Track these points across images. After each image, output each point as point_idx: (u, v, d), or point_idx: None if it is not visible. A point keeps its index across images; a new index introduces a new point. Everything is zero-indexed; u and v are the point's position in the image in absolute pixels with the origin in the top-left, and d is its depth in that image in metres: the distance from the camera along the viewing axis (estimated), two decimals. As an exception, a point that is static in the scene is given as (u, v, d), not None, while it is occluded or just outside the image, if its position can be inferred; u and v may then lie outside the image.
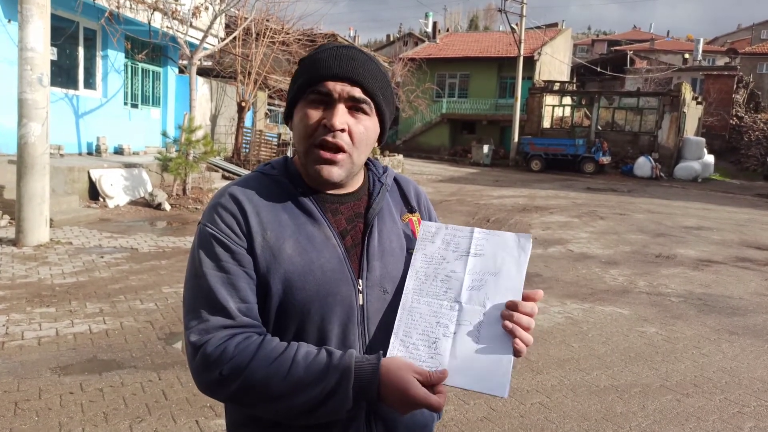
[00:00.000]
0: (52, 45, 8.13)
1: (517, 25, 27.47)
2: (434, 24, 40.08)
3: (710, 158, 26.23)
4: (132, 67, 13.78)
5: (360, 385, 1.00)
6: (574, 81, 35.07)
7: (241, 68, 15.22)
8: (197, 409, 3.31)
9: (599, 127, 27.46)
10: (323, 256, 1.11)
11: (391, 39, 49.57)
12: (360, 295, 1.13)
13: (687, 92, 26.94)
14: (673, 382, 4.10)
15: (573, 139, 25.60)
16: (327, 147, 1.10)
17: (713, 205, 16.47)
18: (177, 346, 4.35)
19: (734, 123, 33.11)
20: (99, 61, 12.62)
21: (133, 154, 13.15)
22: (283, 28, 16.02)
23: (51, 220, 7.48)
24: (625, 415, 3.53)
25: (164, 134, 12.24)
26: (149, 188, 10.67)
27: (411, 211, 1.28)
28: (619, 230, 10.91)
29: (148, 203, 10.18)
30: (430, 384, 1.01)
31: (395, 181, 1.31)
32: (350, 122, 1.11)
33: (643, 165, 24.58)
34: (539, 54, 30.16)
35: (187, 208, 10.28)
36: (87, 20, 11.65)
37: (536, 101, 28.24)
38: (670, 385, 4.03)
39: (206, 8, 12.46)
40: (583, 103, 28.87)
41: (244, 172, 13.42)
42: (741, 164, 29.89)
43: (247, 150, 15.54)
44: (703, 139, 26.84)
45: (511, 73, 29.50)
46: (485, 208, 13.06)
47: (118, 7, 10.92)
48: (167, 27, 11.90)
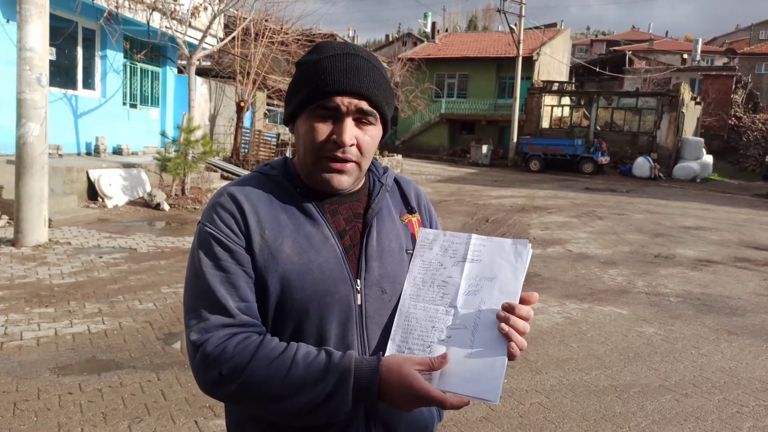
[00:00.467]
0: (51, 45, 8.10)
1: (515, 25, 27.49)
2: (433, 24, 40.09)
3: (709, 158, 26.26)
4: (131, 67, 13.77)
5: (359, 387, 1.00)
6: (573, 81, 35.06)
7: (240, 68, 15.21)
8: (196, 410, 3.31)
9: (598, 128, 27.49)
10: (321, 255, 1.11)
11: (390, 39, 49.51)
12: (358, 295, 1.13)
13: (686, 92, 26.97)
14: (671, 382, 4.10)
15: (572, 140, 25.61)
16: (336, 160, 1.11)
17: (712, 205, 16.49)
18: (176, 346, 4.34)
19: (733, 123, 33.15)
20: (98, 61, 12.62)
21: (132, 154, 13.14)
22: (282, 28, 16.00)
23: (50, 220, 7.48)
24: (624, 415, 3.53)
25: (163, 134, 12.23)
26: (148, 188, 10.66)
27: (411, 211, 1.28)
28: (617, 230, 10.92)
29: (147, 203, 10.18)
30: (433, 369, 1.02)
31: (395, 181, 1.31)
32: (358, 135, 1.11)
33: (642, 165, 24.61)
34: (538, 54, 30.19)
35: (185, 208, 10.27)
36: (86, 20, 11.64)
37: (535, 101, 28.26)
38: (669, 385, 4.03)
39: (205, 8, 12.45)
40: (582, 103, 28.89)
41: (242, 172, 13.42)
42: (740, 164, 29.94)
43: (246, 150, 15.53)
44: (702, 140, 26.88)
45: (509, 73, 29.53)
46: (484, 208, 13.06)
47: (117, 7, 10.92)
48: (166, 27, 11.89)
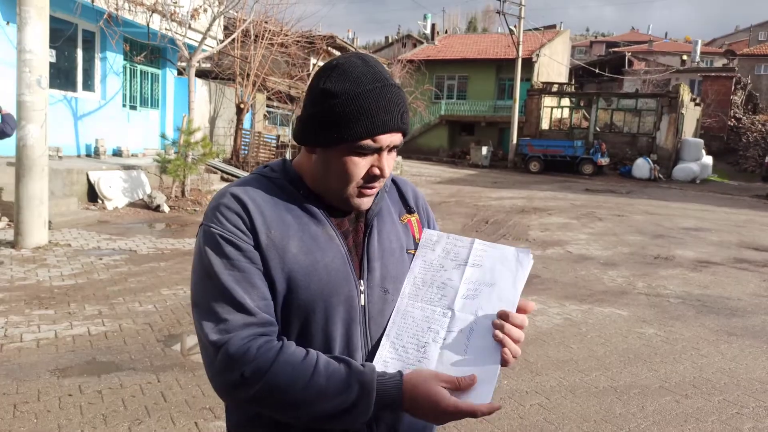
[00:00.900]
0: (51, 47, 8.11)
1: (515, 26, 27.51)
2: (433, 26, 40.14)
3: (708, 159, 26.27)
4: (131, 69, 13.78)
5: (383, 402, 1.01)
6: (573, 82, 35.09)
7: (240, 70, 15.22)
8: (196, 411, 3.31)
9: (597, 129, 27.50)
10: (327, 255, 1.12)
11: (390, 41, 49.59)
12: (362, 296, 1.14)
13: (685, 94, 26.99)
14: (672, 383, 4.10)
15: (571, 141, 25.60)
16: (371, 188, 1.14)
17: (711, 206, 16.49)
18: (176, 348, 4.35)
19: (732, 124, 33.17)
20: (98, 63, 12.62)
21: (132, 156, 13.15)
22: (281, 30, 16.02)
23: (50, 222, 7.48)
24: (624, 416, 3.53)
25: (163, 136, 12.24)
26: (148, 190, 10.66)
27: (410, 211, 1.29)
28: (617, 231, 10.92)
29: (147, 205, 10.18)
30: (459, 389, 1.01)
31: (393, 182, 1.32)
32: (390, 163, 1.14)
33: (642, 166, 24.63)
34: (537, 56, 30.23)
35: (185, 210, 10.27)
36: (86, 22, 11.65)
37: (535, 103, 28.28)
38: (669, 386, 4.03)
39: (205, 10, 12.47)
40: (582, 104, 28.91)
41: (242, 173, 13.42)
42: (739, 165, 29.95)
43: (246, 152, 15.54)
44: (702, 141, 26.88)
45: (509, 74, 29.57)
46: (484, 209, 13.07)
47: (117, 9, 10.92)
48: (166, 29, 11.90)
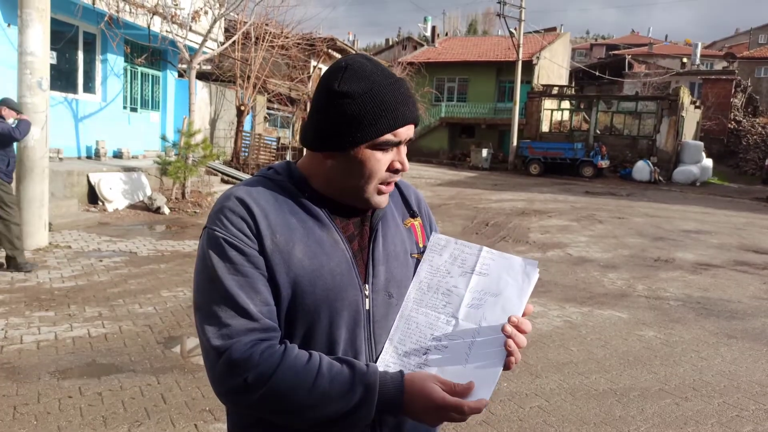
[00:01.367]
0: (52, 49, 8.14)
1: (515, 29, 27.57)
2: (433, 28, 40.20)
3: (709, 162, 26.28)
4: (131, 71, 13.80)
5: (384, 402, 1.02)
6: (573, 85, 35.13)
7: (241, 72, 15.23)
8: (196, 413, 3.31)
9: (598, 131, 27.52)
10: (332, 260, 1.11)
11: (390, 43, 49.64)
12: (367, 300, 1.14)
13: (685, 96, 27.00)
14: (671, 385, 4.10)
15: (571, 143, 25.63)
16: (389, 184, 1.15)
17: (712, 208, 16.50)
18: (176, 350, 4.35)
19: (732, 127, 33.19)
20: (98, 65, 12.64)
21: (132, 157, 13.16)
22: (282, 32, 16.05)
23: (50, 224, 7.48)
24: (624, 419, 3.53)
25: (163, 138, 12.25)
26: (148, 192, 10.67)
27: (413, 215, 1.29)
28: (617, 234, 10.92)
29: (147, 207, 10.18)
30: (454, 394, 1.02)
31: (396, 186, 1.32)
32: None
33: (642, 169, 24.64)
34: (538, 58, 30.27)
35: (186, 212, 10.28)
36: (86, 24, 11.66)
37: (535, 105, 28.30)
38: (669, 389, 4.03)
39: (206, 12, 12.49)
40: (582, 107, 28.94)
41: (243, 175, 13.43)
42: (739, 168, 29.97)
43: (246, 154, 15.55)
44: (702, 143, 26.88)
45: (509, 77, 29.59)
46: (484, 211, 13.07)
47: (118, 12, 10.94)
48: (167, 31, 11.92)
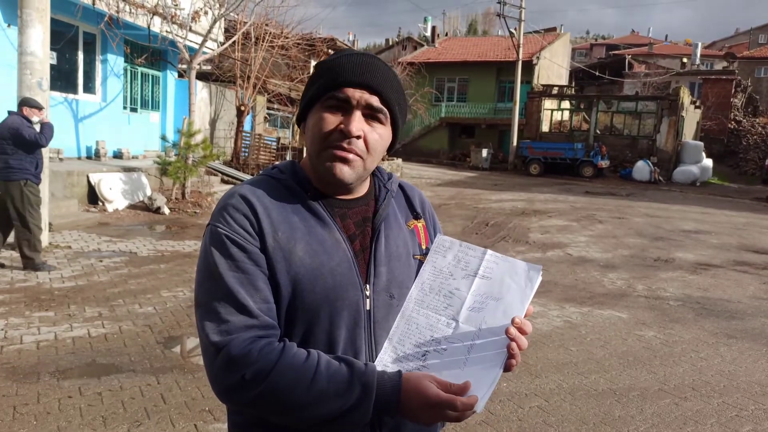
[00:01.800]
0: (52, 49, 8.15)
1: (515, 29, 27.57)
2: (433, 28, 40.19)
3: (709, 162, 26.28)
4: (131, 71, 13.81)
5: (381, 401, 1.01)
6: (573, 85, 35.11)
7: (241, 72, 15.24)
8: (196, 413, 3.31)
9: (598, 131, 27.52)
10: (333, 260, 1.12)
11: (390, 43, 49.57)
12: (367, 300, 1.13)
13: (685, 96, 27.00)
14: (671, 385, 4.10)
15: (571, 143, 25.62)
16: (341, 149, 1.11)
17: (712, 208, 16.50)
18: (176, 350, 4.35)
19: (732, 127, 33.17)
20: (98, 66, 12.65)
21: (132, 158, 13.16)
22: (282, 33, 16.05)
23: (50, 224, 7.49)
24: (624, 419, 3.54)
25: (163, 138, 12.25)
26: (148, 192, 10.67)
27: (416, 217, 1.29)
28: (617, 234, 10.92)
29: (147, 207, 10.19)
30: (449, 392, 1.01)
31: (400, 187, 1.32)
32: (366, 129, 1.11)
33: (642, 169, 24.64)
34: (538, 58, 30.26)
35: (186, 212, 10.28)
36: (86, 24, 11.67)
37: (535, 105, 28.30)
38: (669, 389, 4.04)
39: (206, 12, 12.50)
40: (582, 107, 28.93)
41: (243, 175, 13.44)
42: (739, 168, 29.96)
43: (246, 154, 15.55)
44: (702, 143, 26.88)
45: (509, 77, 29.59)
46: (484, 211, 13.07)
47: (118, 12, 10.95)
48: (167, 31, 11.93)
